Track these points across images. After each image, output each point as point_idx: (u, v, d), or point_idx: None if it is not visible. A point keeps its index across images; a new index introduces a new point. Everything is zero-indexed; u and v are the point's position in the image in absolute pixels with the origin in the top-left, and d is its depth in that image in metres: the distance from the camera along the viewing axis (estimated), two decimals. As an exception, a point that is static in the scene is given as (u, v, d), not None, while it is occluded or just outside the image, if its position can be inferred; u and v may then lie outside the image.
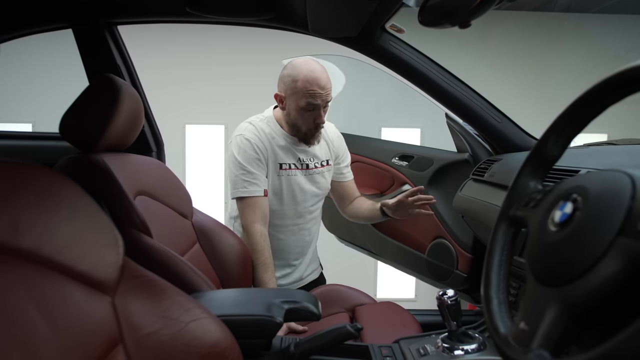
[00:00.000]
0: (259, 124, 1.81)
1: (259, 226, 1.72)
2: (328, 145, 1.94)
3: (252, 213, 1.72)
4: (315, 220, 1.97)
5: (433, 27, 1.21)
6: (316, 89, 1.67)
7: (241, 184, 1.73)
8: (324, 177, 1.93)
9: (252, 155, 1.74)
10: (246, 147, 1.74)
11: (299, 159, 1.83)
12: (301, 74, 1.69)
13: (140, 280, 0.79)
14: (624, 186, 0.54)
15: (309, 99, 1.68)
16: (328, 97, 1.71)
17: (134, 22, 1.82)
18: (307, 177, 1.86)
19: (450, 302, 1.16)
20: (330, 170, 1.96)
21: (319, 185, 1.90)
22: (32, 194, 0.69)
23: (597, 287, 0.51)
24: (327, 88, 1.70)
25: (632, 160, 1.16)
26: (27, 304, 0.58)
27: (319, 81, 1.68)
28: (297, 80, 1.68)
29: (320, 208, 1.98)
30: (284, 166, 1.81)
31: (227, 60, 4.63)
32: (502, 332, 0.64)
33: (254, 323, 1.05)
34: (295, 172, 1.83)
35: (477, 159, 1.84)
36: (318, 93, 1.68)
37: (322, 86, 1.68)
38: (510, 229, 0.75)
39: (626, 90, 0.58)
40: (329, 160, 1.94)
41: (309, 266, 2.00)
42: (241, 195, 1.74)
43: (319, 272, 2.11)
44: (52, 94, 4.17)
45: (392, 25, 1.58)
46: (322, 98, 1.69)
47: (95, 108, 1.23)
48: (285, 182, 1.82)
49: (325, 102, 1.71)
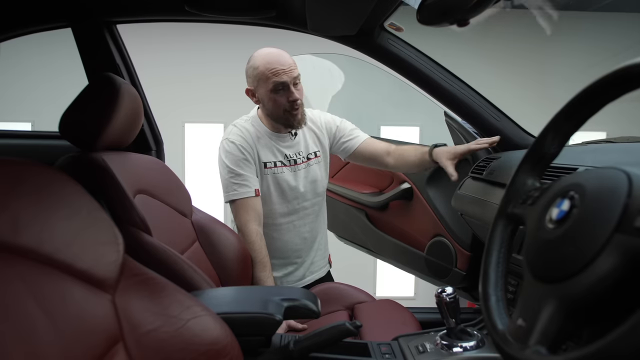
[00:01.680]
0: (243, 124, 1.82)
1: (254, 225, 1.72)
2: (316, 134, 1.92)
3: (246, 214, 1.73)
4: (315, 216, 1.94)
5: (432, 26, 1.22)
6: (277, 66, 1.67)
7: (231, 187, 1.75)
8: (316, 169, 1.90)
9: (238, 157, 1.75)
10: (232, 150, 1.76)
11: (285, 156, 1.82)
12: (259, 59, 1.71)
13: (140, 278, 0.80)
14: (621, 183, 0.54)
15: (274, 79, 1.67)
16: (292, 72, 1.69)
17: (133, 21, 1.82)
18: (295, 172, 1.84)
19: (448, 300, 1.17)
20: (321, 162, 1.93)
21: (310, 180, 1.88)
22: (32, 192, 0.69)
23: (594, 284, 0.51)
24: (288, 64, 1.69)
25: (630, 157, 1.16)
26: (27, 302, 0.58)
27: (279, 58, 1.68)
28: (258, 66, 1.70)
29: (319, 204, 1.95)
30: (269, 164, 1.80)
31: (227, 59, 4.62)
32: (500, 328, 0.64)
33: (254, 320, 1.06)
34: (282, 170, 1.82)
35: (475, 156, 1.84)
36: (281, 70, 1.67)
37: (282, 62, 1.68)
38: (508, 226, 0.76)
39: (624, 88, 0.58)
40: (318, 152, 1.91)
41: (314, 264, 1.98)
42: (232, 199, 1.75)
43: (326, 271, 2.08)
44: (51, 93, 4.18)
45: (391, 23, 1.59)
46: (287, 74, 1.68)
47: (94, 107, 1.23)
48: (272, 181, 1.81)
49: (291, 79, 1.69)
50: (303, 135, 1.87)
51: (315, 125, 1.92)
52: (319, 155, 1.92)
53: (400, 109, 4.57)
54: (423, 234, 2.14)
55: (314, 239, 1.96)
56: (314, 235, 1.96)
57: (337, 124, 1.96)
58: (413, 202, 2.19)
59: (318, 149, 1.91)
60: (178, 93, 4.53)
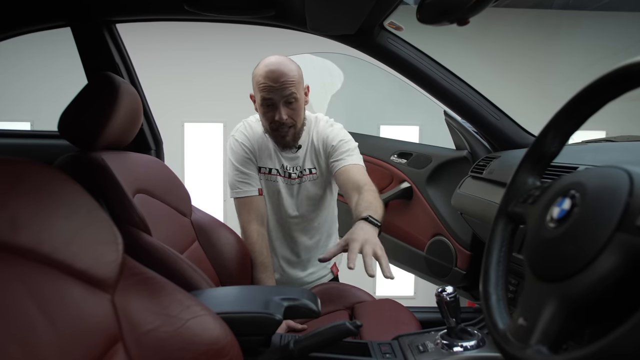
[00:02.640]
0: (252, 123, 1.81)
1: (256, 226, 1.72)
2: (316, 152, 1.80)
3: (248, 213, 1.73)
4: (308, 232, 1.87)
5: (431, 25, 1.21)
6: (268, 82, 1.58)
7: (236, 185, 1.75)
8: (309, 186, 1.82)
9: (242, 155, 1.75)
10: (236, 148, 1.76)
11: (282, 166, 1.79)
12: (258, 68, 1.64)
13: (139, 277, 0.79)
14: (622, 182, 0.54)
15: (262, 93, 1.61)
16: (284, 90, 1.59)
17: (133, 20, 1.82)
18: (288, 186, 1.80)
19: (449, 299, 1.17)
20: (317, 179, 1.82)
21: (304, 196, 1.82)
22: (31, 191, 0.69)
23: (596, 283, 0.51)
24: (281, 81, 1.58)
25: (630, 156, 1.16)
26: (26, 302, 0.58)
27: (273, 74, 1.58)
28: (255, 75, 1.65)
29: (315, 220, 1.87)
30: (263, 170, 1.79)
31: (226, 59, 4.63)
32: (500, 327, 0.64)
33: (253, 320, 1.06)
34: (276, 179, 1.79)
35: (475, 156, 1.84)
36: (270, 86, 1.58)
37: (275, 79, 1.58)
38: (509, 225, 0.75)
39: (624, 86, 0.58)
40: (314, 169, 1.81)
41: (300, 280, 1.92)
42: (236, 196, 1.75)
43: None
44: (50, 93, 4.17)
45: (391, 22, 1.58)
46: (277, 92, 1.59)
47: (94, 106, 1.23)
48: (265, 186, 1.80)
49: (281, 97, 1.60)
50: (305, 150, 1.80)
51: (320, 142, 1.80)
52: (314, 172, 1.82)
53: (399, 108, 4.57)
54: (423, 233, 2.14)
55: (308, 252, 1.90)
56: (307, 249, 1.89)
57: (334, 144, 1.76)
58: (413, 201, 2.19)
59: (314, 167, 1.81)
60: (177, 92, 4.53)
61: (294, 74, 1.62)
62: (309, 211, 1.86)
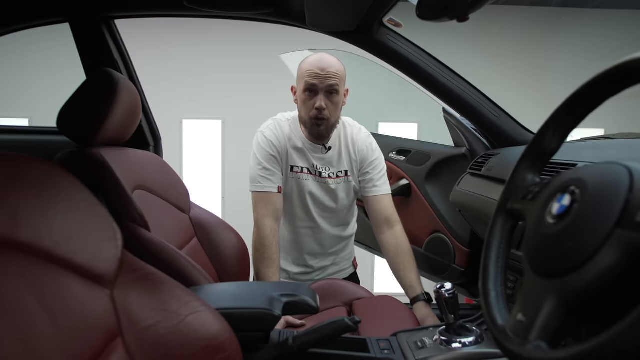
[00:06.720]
0: (281, 122, 1.84)
1: (270, 221, 1.74)
2: (351, 157, 1.87)
3: (265, 208, 1.75)
4: (338, 228, 1.95)
5: (431, 21, 1.21)
6: (315, 69, 1.67)
7: (257, 179, 1.77)
8: (339, 189, 1.88)
9: (268, 152, 1.77)
10: (263, 144, 1.78)
11: (312, 165, 1.82)
12: (307, 59, 1.73)
13: (138, 273, 0.79)
14: (622, 178, 0.54)
15: (307, 79, 1.68)
16: (328, 80, 1.67)
17: (132, 16, 1.82)
18: (319, 184, 1.85)
19: (447, 296, 1.17)
20: (348, 182, 1.88)
21: (332, 197, 1.88)
22: (31, 187, 0.69)
23: (595, 279, 0.51)
24: (327, 71, 1.67)
25: (629, 153, 1.17)
26: (26, 297, 0.58)
27: (320, 63, 1.68)
28: (302, 64, 1.72)
29: (339, 218, 1.94)
30: (295, 169, 1.82)
31: (225, 55, 4.63)
32: (499, 323, 0.64)
33: (252, 316, 1.06)
34: (307, 177, 1.83)
35: (474, 153, 1.84)
36: (316, 73, 1.67)
37: (321, 68, 1.67)
38: (508, 222, 0.75)
39: (623, 83, 0.58)
40: (348, 172, 1.87)
41: (328, 271, 2.00)
42: (256, 190, 1.77)
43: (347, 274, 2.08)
44: (49, 89, 4.17)
45: (390, 19, 1.58)
46: (321, 79, 1.67)
47: (92, 102, 1.22)
48: (296, 185, 1.83)
49: (325, 85, 1.67)
50: (338, 152, 1.85)
51: (355, 149, 1.87)
52: (349, 174, 1.88)
53: (398, 106, 4.57)
54: (421, 231, 2.14)
55: (331, 247, 1.97)
56: (332, 244, 1.96)
57: (371, 160, 1.86)
58: (411, 198, 2.19)
59: (348, 169, 1.88)
60: (176, 89, 4.53)
61: (340, 69, 1.72)
62: (337, 208, 1.91)
